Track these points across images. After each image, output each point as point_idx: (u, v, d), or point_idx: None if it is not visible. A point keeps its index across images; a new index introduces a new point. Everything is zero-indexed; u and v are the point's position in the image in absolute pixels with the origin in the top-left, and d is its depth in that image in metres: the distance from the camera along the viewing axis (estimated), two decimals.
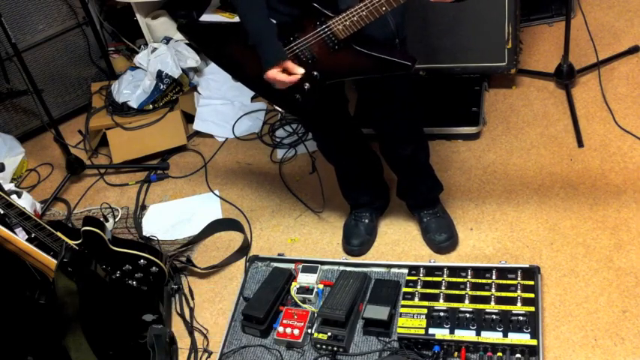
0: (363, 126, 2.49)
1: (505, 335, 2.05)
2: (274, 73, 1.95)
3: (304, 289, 2.38)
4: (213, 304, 2.56)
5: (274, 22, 1.95)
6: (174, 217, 2.97)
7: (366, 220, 2.57)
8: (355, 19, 1.83)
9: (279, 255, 2.61)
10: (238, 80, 2.26)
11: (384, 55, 1.91)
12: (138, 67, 3.44)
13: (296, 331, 2.26)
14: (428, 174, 2.48)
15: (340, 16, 1.86)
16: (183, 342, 2.43)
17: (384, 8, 1.78)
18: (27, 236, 2.31)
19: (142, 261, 2.46)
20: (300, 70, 1.96)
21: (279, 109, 3.25)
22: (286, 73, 1.96)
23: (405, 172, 2.46)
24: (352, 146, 2.44)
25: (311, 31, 1.93)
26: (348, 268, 2.45)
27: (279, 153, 3.13)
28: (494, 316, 2.10)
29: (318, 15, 1.90)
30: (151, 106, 3.32)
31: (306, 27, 1.94)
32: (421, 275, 2.32)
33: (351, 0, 1.84)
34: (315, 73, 2.00)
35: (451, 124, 2.88)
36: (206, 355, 2.37)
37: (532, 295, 2.14)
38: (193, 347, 2.40)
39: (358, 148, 2.47)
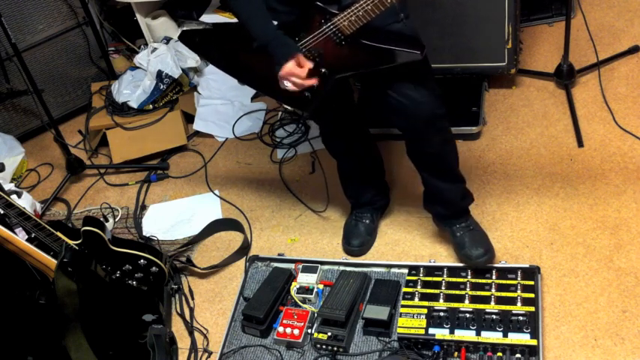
0: (371, 126, 2.48)
1: (505, 335, 2.05)
2: (291, 67, 1.92)
3: (304, 289, 2.38)
4: (213, 304, 2.56)
5: (275, 22, 1.95)
6: (174, 217, 2.97)
7: (367, 221, 2.57)
8: (361, 13, 1.82)
9: (279, 255, 2.61)
10: (245, 83, 2.25)
11: (392, 47, 1.89)
12: (138, 67, 3.44)
13: (296, 331, 2.26)
14: (458, 180, 2.34)
15: (345, 13, 1.85)
16: (183, 342, 2.43)
17: (389, 1, 1.77)
18: (27, 236, 2.31)
19: (142, 261, 2.46)
20: (310, 64, 1.92)
21: (287, 106, 3.24)
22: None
23: (432, 173, 2.30)
24: (357, 143, 2.43)
25: (316, 29, 1.92)
26: (348, 268, 2.45)
27: (279, 153, 3.13)
28: (494, 316, 2.10)
29: (322, 13, 1.89)
30: (151, 106, 3.33)
31: (310, 26, 1.93)
32: (421, 275, 2.32)
33: None
34: (323, 70, 1.99)
35: (451, 124, 2.85)
36: (206, 355, 2.37)
37: (532, 295, 2.14)
38: (193, 347, 2.40)
39: (363, 146, 2.46)
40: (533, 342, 2.02)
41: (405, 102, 2.05)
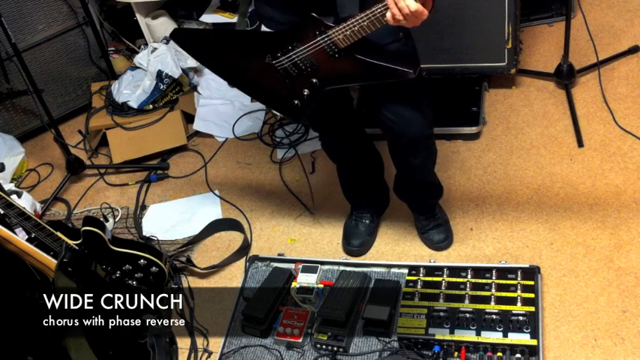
0: (368, 126, 2.48)
1: (505, 335, 2.05)
2: None
3: (304, 289, 2.38)
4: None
5: (272, 31, 1.94)
6: (174, 217, 2.97)
7: (367, 221, 2.57)
8: (356, 28, 1.81)
9: (279, 255, 2.61)
10: (234, 86, 2.25)
11: (386, 63, 1.88)
12: (138, 67, 3.44)
13: (296, 331, 2.26)
14: (432, 183, 2.45)
15: (341, 26, 1.83)
16: (183, 342, 2.43)
17: (385, 18, 1.77)
18: (27, 236, 2.31)
19: (142, 261, 2.46)
20: None
21: (277, 114, 3.25)
22: None
23: (408, 176, 2.41)
24: (356, 146, 2.43)
25: (310, 40, 1.91)
26: (348, 268, 2.45)
27: (279, 153, 3.13)
28: (494, 316, 2.10)
29: (318, 24, 1.89)
30: (151, 106, 3.32)
31: (305, 36, 1.92)
32: (421, 275, 2.32)
33: (351, 8, 1.82)
34: (315, 80, 1.98)
35: (451, 124, 2.88)
36: (206, 355, 2.38)
37: (532, 295, 2.14)
38: (193, 347, 2.40)
39: (362, 149, 2.46)
40: (533, 342, 2.02)
41: (395, 120, 2.11)
